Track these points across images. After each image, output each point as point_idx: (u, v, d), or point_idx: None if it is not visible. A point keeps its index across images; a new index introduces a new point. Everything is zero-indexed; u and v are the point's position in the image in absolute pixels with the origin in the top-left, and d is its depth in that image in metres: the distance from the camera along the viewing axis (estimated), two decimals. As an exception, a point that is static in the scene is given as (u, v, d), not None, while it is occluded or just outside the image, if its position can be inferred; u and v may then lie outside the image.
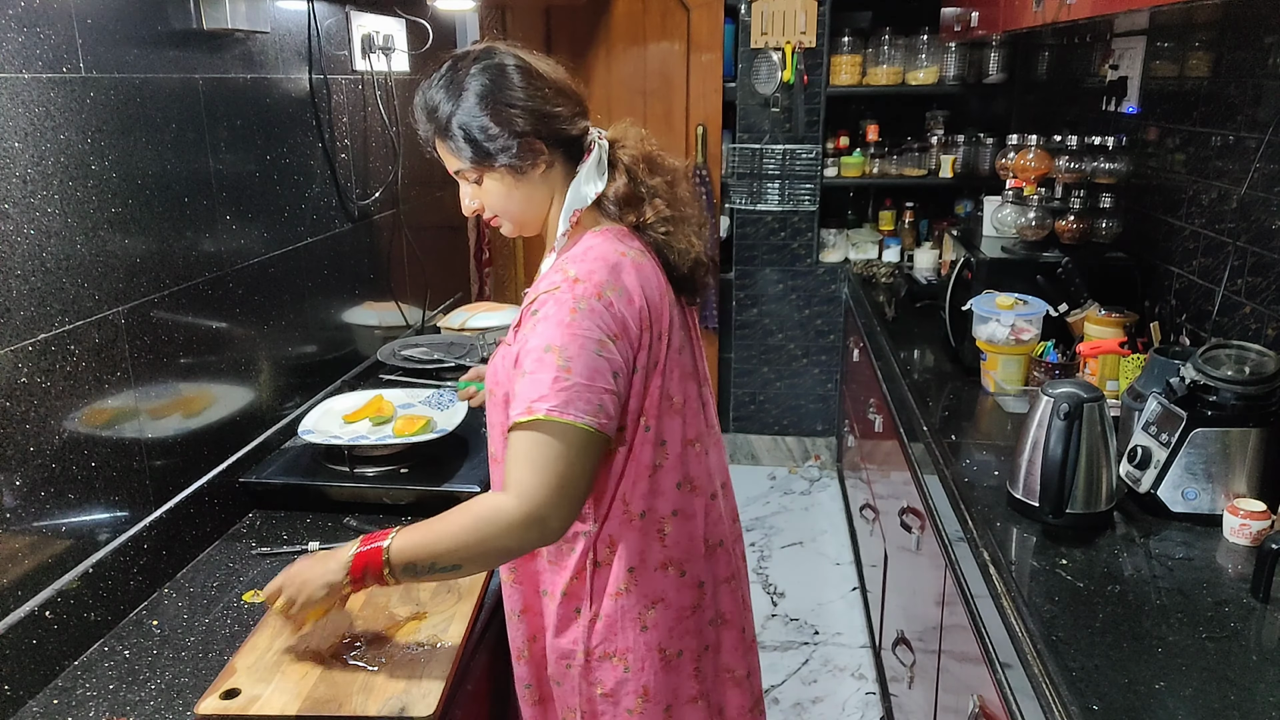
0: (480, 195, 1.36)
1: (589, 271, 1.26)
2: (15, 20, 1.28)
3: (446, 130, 1.31)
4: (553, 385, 1.19)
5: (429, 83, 1.34)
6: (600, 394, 1.21)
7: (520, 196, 1.34)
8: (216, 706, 1.22)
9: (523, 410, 1.19)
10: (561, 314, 1.22)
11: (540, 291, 1.27)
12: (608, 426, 1.22)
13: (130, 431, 1.52)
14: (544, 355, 1.20)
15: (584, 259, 1.29)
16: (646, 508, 1.35)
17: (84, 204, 1.41)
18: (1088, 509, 1.53)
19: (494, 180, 1.33)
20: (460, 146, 1.31)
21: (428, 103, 1.33)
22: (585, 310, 1.22)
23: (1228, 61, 2.09)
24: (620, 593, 1.36)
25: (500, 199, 1.35)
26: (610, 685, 1.38)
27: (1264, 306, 1.87)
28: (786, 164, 3.93)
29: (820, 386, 4.18)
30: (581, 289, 1.24)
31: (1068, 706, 1.13)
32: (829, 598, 3.26)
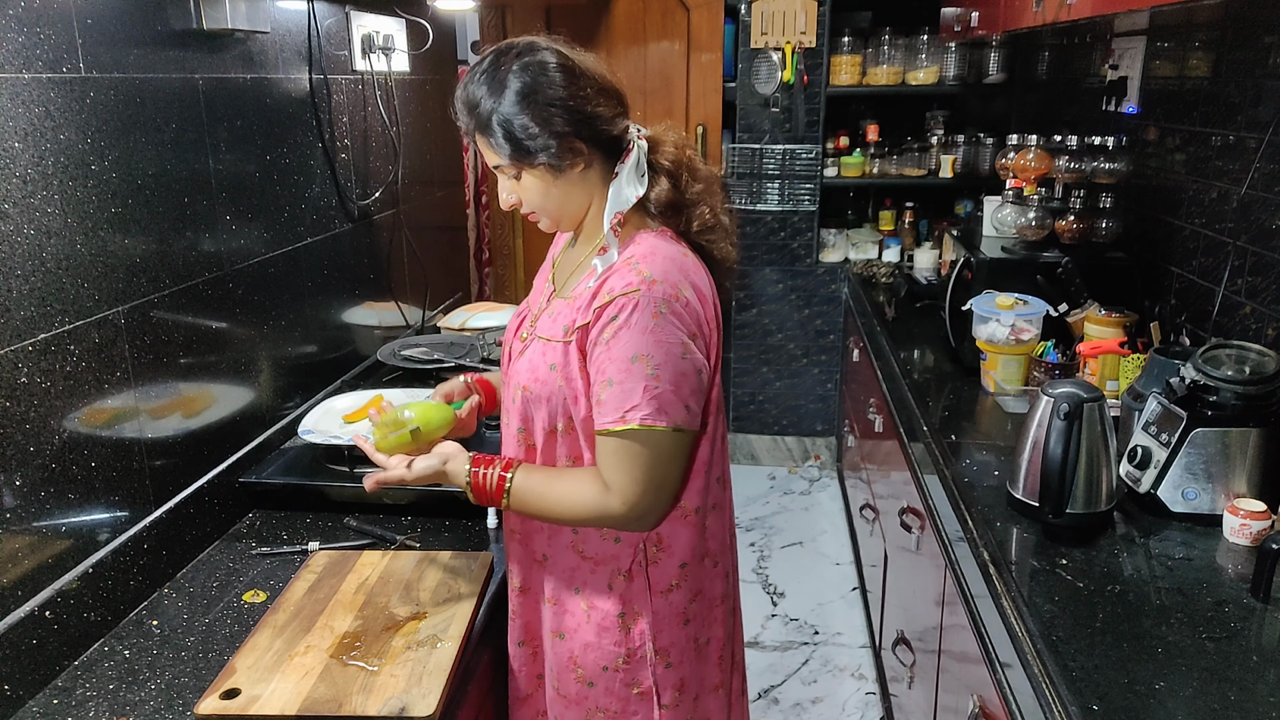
0: (518, 191, 1.35)
1: (664, 271, 1.27)
2: (15, 20, 1.28)
3: (487, 126, 1.30)
4: (644, 395, 1.23)
5: (470, 76, 1.33)
6: (687, 397, 1.26)
7: (558, 194, 1.34)
8: (216, 706, 1.22)
9: (615, 419, 1.24)
10: (645, 320, 1.23)
11: (617, 292, 1.25)
12: (694, 422, 1.28)
13: (130, 431, 1.52)
14: (632, 365, 1.23)
15: (653, 258, 1.28)
16: (700, 503, 1.39)
17: (84, 204, 1.41)
18: (1088, 509, 1.53)
19: (532, 177, 1.33)
20: (499, 143, 1.30)
21: (469, 97, 1.32)
22: (667, 313, 1.24)
23: (1228, 61, 2.09)
24: (671, 589, 1.39)
25: (538, 196, 1.34)
26: (648, 683, 1.40)
27: (1264, 306, 1.87)
28: (786, 164, 3.93)
29: (820, 386, 4.18)
30: (660, 290, 1.25)
31: (1068, 706, 1.13)
32: (829, 598, 3.26)
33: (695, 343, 1.27)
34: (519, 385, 1.37)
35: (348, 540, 1.69)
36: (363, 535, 1.71)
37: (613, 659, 1.39)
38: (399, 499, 1.79)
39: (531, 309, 1.46)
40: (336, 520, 1.76)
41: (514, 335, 1.47)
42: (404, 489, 1.78)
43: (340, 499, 1.81)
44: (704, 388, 1.30)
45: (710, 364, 1.33)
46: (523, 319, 1.47)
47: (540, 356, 1.35)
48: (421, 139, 2.77)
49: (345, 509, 1.79)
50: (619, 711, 1.41)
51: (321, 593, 1.49)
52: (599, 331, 1.26)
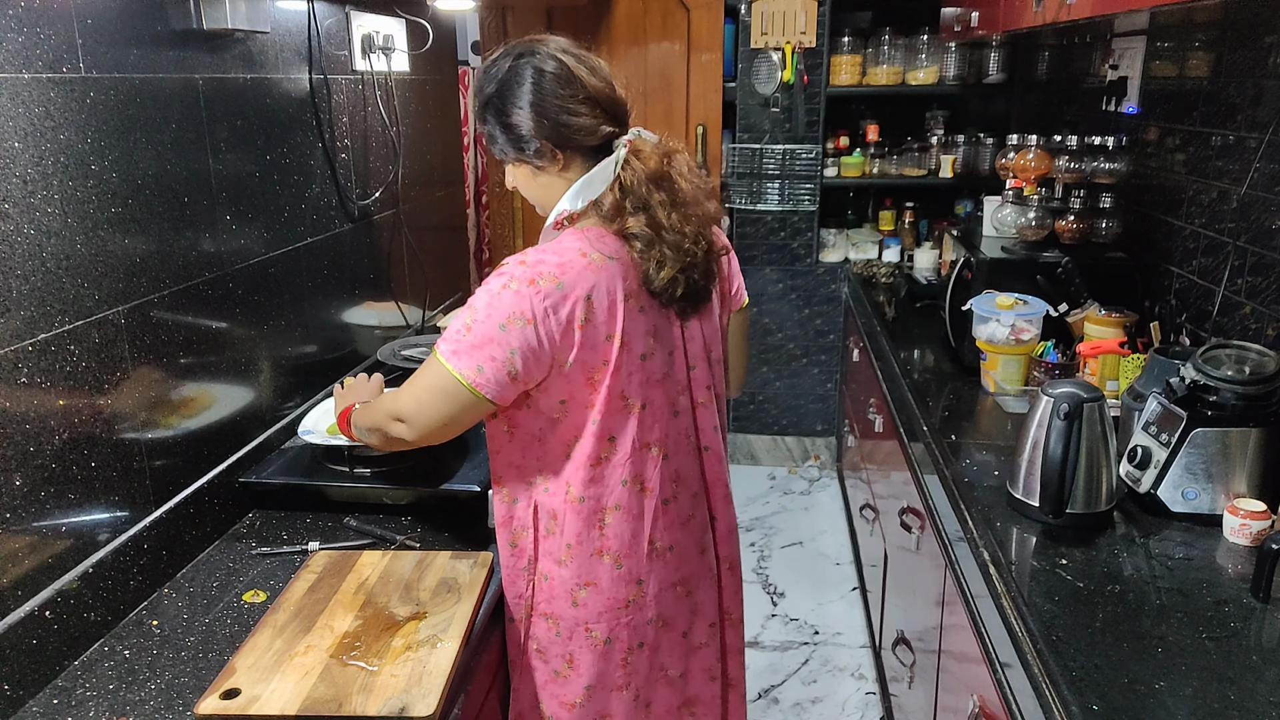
0: (514, 176, 1.51)
1: (538, 260, 1.35)
2: (15, 20, 1.28)
3: (482, 116, 1.45)
4: (453, 334, 1.35)
5: (482, 67, 1.49)
6: (483, 359, 1.33)
7: (539, 186, 1.47)
8: (216, 706, 1.22)
9: (437, 342, 1.38)
10: (493, 285, 1.35)
11: (501, 263, 1.39)
12: (483, 387, 1.34)
13: (130, 431, 1.52)
14: (463, 311, 1.36)
15: (545, 250, 1.38)
16: (586, 494, 1.44)
17: (84, 204, 1.41)
18: (1088, 509, 1.53)
19: (517, 169, 1.48)
20: (492, 134, 1.45)
21: (476, 85, 1.48)
22: (514, 289, 1.33)
23: (1228, 61, 2.09)
24: (560, 563, 1.48)
25: (524, 184, 1.50)
26: (544, 643, 1.51)
27: (1264, 306, 1.87)
28: (786, 164, 3.93)
29: (820, 386, 4.18)
30: (521, 271, 1.34)
31: (1068, 706, 1.13)
32: (829, 598, 3.26)
33: (528, 326, 1.32)
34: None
35: (348, 540, 1.69)
36: (363, 535, 1.71)
37: (520, 602, 1.52)
38: (399, 499, 1.79)
39: None
40: (336, 520, 1.76)
41: None
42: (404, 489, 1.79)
43: (340, 499, 1.81)
44: (515, 368, 1.34)
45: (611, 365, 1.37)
46: None
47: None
48: (421, 139, 2.78)
49: (345, 509, 1.79)
50: (520, 661, 1.55)
51: (321, 593, 1.49)
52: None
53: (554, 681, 1.52)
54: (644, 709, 1.55)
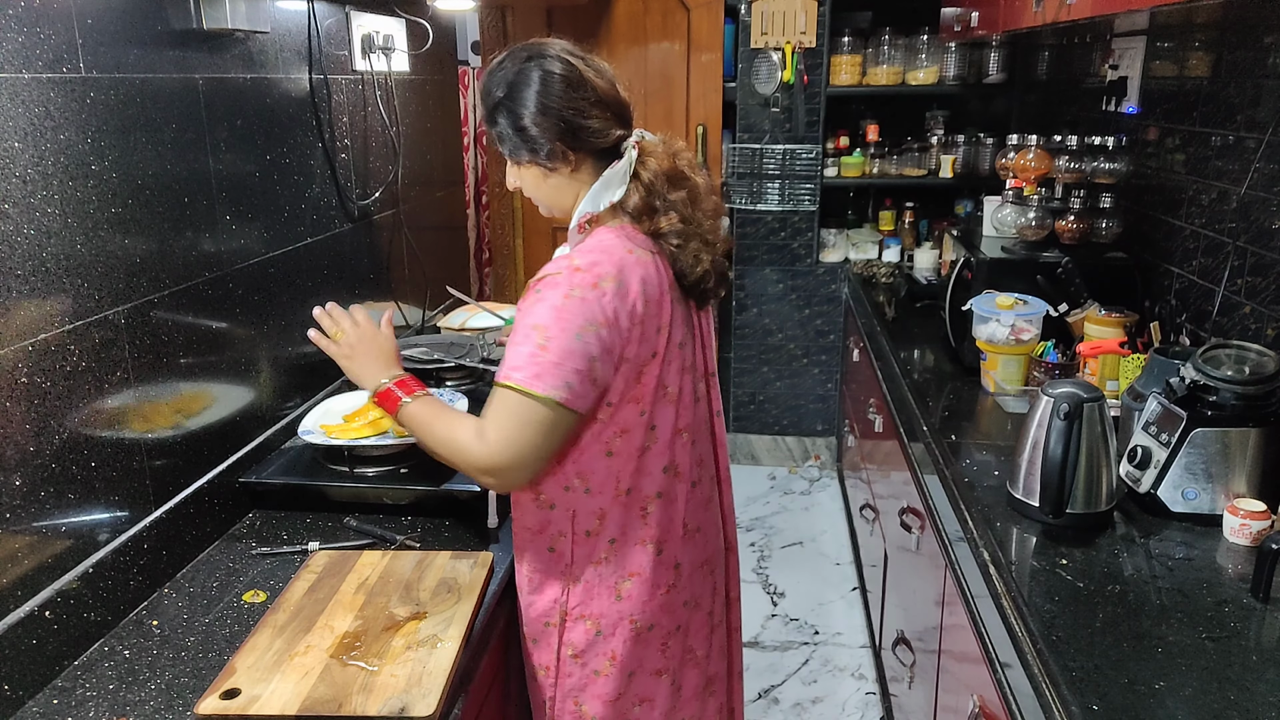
0: (519, 177, 1.49)
1: (592, 263, 1.35)
2: (15, 20, 1.28)
3: (491, 119, 1.44)
4: (528, 360, 1.30)
5: (489, 69, 1.46)
6: (569, 374, 1.30)
7: (549, 188, 1.47)
8: (216, 706, 1.22)
9: (502, 375, 1.33)
10: (555, 297, 1.32)
11: (545, 274, 1.36)
12: (575, 402, 1.32)
13: (130, 431, 1.52)
14: (530, 333, 1.32)
15: (592, 251, 1.38)
16: (632, 486, 1.45)
17: (84, 204, 1.41)
18: (1088, 509, 1.54)
19: (527, 171, 1.46)
20: (500, 135, 1.44)
21: (483, 88, 1.46)
22: (577, 297, 1.32)
23: (1228, 61, 2.09)
24: (600, 561, 1.47)
25: (531, 186, 1.48)
26: (581, 646, 1.49)
27: (1264, 306, 1.87)
28: (786, 164, 3.93)
29: (820, 386, 4.18)
30: (580, 278, 1.33)
31: (1068, 706, 1.13)
32: (829, 598, 3.26)
33: (601, 330, 1.32)
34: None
35: (348, 540, 1.69)
36: (363, 535, 1.71)
37: (550, 614, 1.49)
38: (399, 499, 1.79)
39: None
40: (336, 520, 1.76)
41: None
42: (404, 489, 1.79)
43: (340, 499, 1.81)
44: (597, 374, 1.34)
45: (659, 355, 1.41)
46: None
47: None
48: (421, 139, 2.77)
49: (345, 509, 1.79)
50: (555, 670, 1.51)
51: (321, 593, 1.49)
52: (525, 304, 1.36)
53: (595, 682, 1.51)
54: (676, 692, 1.58)
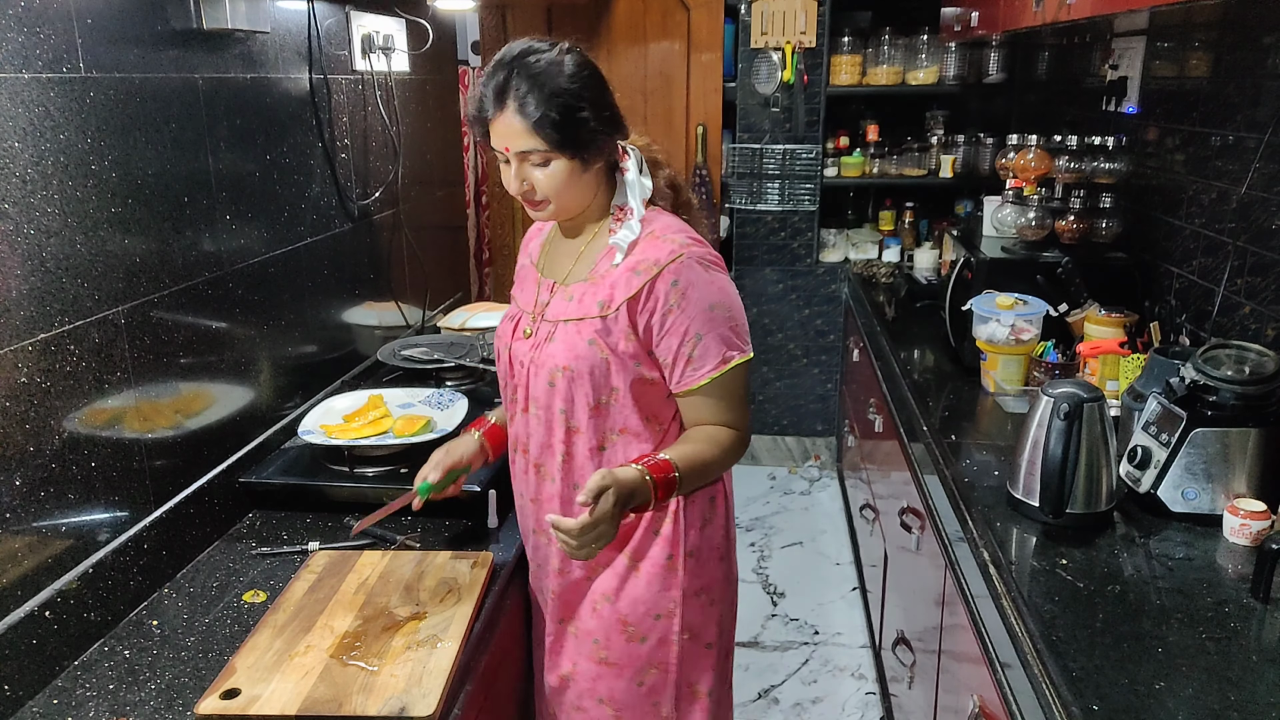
0: (538, 177, 1.39)
1: (688, 235, 1.43)
2: (15, 20, 1.28)
3: (546, 105, 1.32)
4: (733, 333, 1.41)
5: (535, 58, 1.35)
6: (746, 330, 1.44)
7: (579, 185, 1.42)
8: (216, 706, 1.22)
9: (716, 364, 1.40)
10: (701, 275, 1.39)
11: (664, 263, 1.38)
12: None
13: (130, 431, 1.52)
14: (712, 314, 1.39)
15: (673, 229, 1.44)
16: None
17: (84, 204, 1.41)
18: (1088, 509, 1.53)
19: (561, 166, 1.38)
20: (551, 125, 1.33)
21: (511, 84, 1.33)
22: (711, 264, 1.41)
23: (1228, 61, 2.09)
24: (706, 523, 1.51)
25: (560, 184, 1.40)
26: (696, 625, 1.52)
27: (1264, 306, 1.87)
28: (786, 164, 3.93)
29: (820, 386, 4.18)
30: (697, 249, 1.41)
31: (1068, 706, 1.13)
32: (829, 598, 3.26)
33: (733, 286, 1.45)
34: (556, 368, 1.43)
35: (348, 540, 1.69)
36: (362, 535, 1.71)
37: (665, 605, 1.48)
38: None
39: (528, 306, 1.54)
40: (336, 520, 1.76)
41: (513, 334, 1.54)
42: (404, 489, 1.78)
43: (340, 499, 1.81)
44: None
45: None
46: (518, 319, 1.54)
47: (575, 335, 1.42)
48: (421, 139, 2.77)
49: (345, 509, 1.79)
50: (674, 663, 1.51)
51: (321, 593, 1.49)
52: (664, 299, 1.38)
53: (707, 654, 1.55)
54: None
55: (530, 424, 1.50)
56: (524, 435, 1.52)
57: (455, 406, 1.98)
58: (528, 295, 1.55)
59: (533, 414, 1.49)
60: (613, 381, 1.42)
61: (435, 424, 1.90)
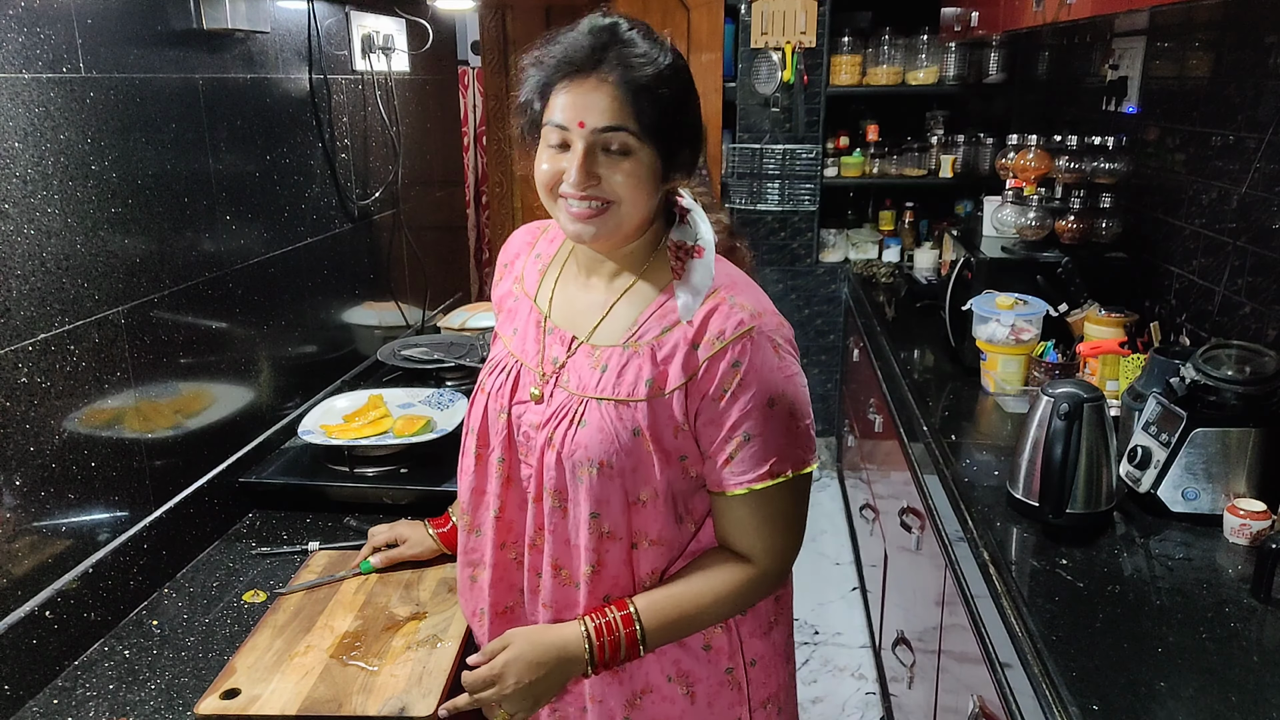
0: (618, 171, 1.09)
1: (757, 299, 1.15)
2: (15, 20, 1.28)
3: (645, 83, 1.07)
4: (790, 441, 1.12)
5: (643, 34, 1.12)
6: (811, 427, 1.16)
7: (651, 196, 1.12)
8: (216, 706, 1.22)
9: (760, 474, 1.12)
10: (770, 358, 1.11)
11: (729, 336, 1.10)
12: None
13: (130, 431, 1.52)
14: (770, 411, 1.11)
15: (740, 287, 1.15)
16: None
17: (84, 204, 1.41)
18: (1088, 509, 1.53)
19: (644, 161, 1.09)
20: (648, 106, 1.07)
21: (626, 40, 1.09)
22: (783, 344, 1.13)
23: (1228, 61, 2.09)
24: (771, 626, 1.27)
25: (638, 185, 1.10)
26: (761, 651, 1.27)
27: (1264, 306, 1.87)
28: (786, 164, 3.92)
29: (820, 386, 4.18)
30: (770, 321, 1.13)
31: (1068, 706, 1.13)
32: (829, 598, 3.26)
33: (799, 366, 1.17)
34: (588, 462, 1.12)
35: (348, 540, 1.69)
36: (362, 535, 1.71)
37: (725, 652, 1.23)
38: (399, 499, 1.79)
39: (530, 359, 1.21)
40: (336, 520, 1.76)
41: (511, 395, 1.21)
42: (404, 489, 1.78)
43: (340, 499, 1.81)
44: None
45: None
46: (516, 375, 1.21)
47: (615, 421, 1.12)
48: (421, 139, 2.77)
49: (345, 509, 1.79)
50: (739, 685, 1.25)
51: (321, 593, 1.49)
52: (719, 381, 1.10)
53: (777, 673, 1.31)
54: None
55: (546, 516, 1.18)
56: (533, 529, 1.20)
57: (455, 406, 1.98)
58: (528, 342, 1.23)
59: (550, 506, 1.17)
60: (655, 480, 1.13)
61: (435, 424, 1.90)
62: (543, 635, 1.15)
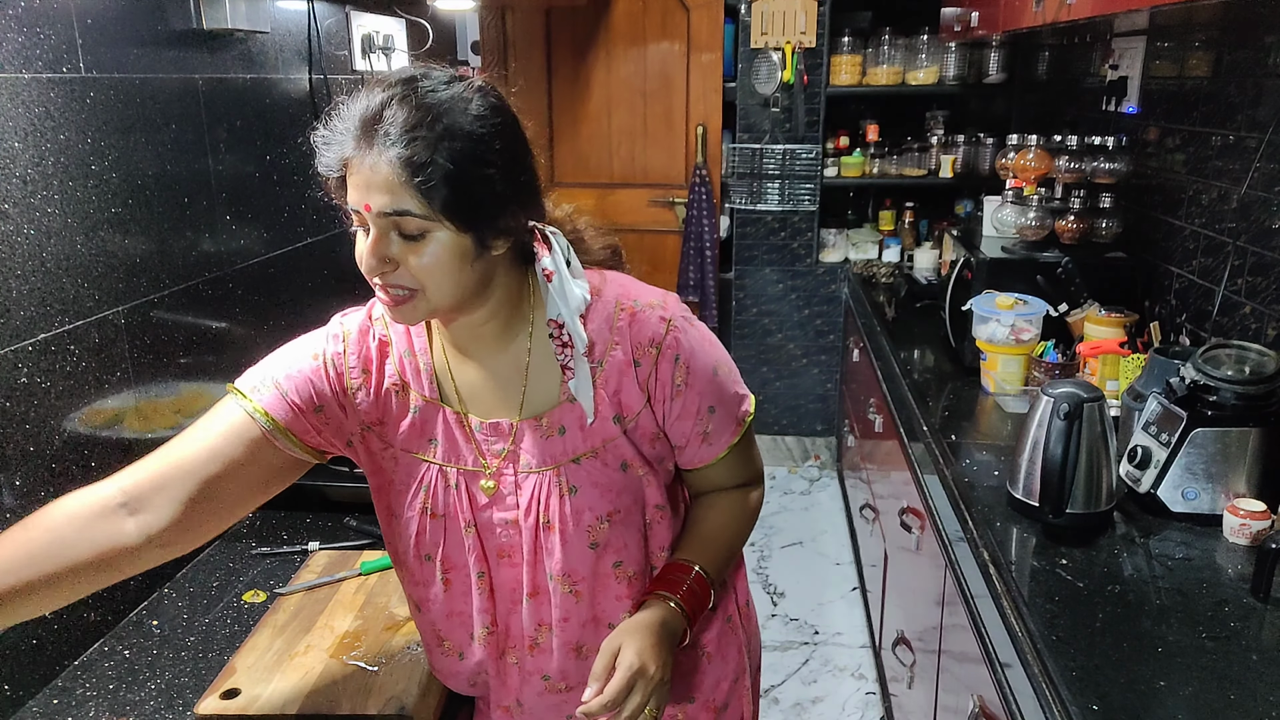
0: (413, 255, 0.99)
1: (646, 290, 1.17)
2: (15, 20, 1.28)
3: (433, 151, 0.94)
4: (736, 389, 1.22)
5: (429, 85, 0.98)
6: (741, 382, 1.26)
7: (464, 275, 1.01)
8: (216, 706, 1.22)
9: (734, 429, 1.21)
10: (692, 335, 1.15)
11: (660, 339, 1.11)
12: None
13: (130, 431, 1.52)
14: (715, 378, 1.17)
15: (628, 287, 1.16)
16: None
17: (84, 204, 1.41)
18: (1088, 509, 1.53)
19: (448, 242, 0.98)
20: (435, 181, 0.94)
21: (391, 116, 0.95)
22: (689, 314, 1.18)
23: (1228, 61, 2.09)
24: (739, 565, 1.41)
25: (441, 268, 0.99)
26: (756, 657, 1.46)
27: (1264, 306, 1.87)
28: (786, 164, 3.93)
29: (820, 386, 4.18)
30: (671, 303, 1.16)
31: (1068, 706, 1.13)
32: (829, 598, 3.26)
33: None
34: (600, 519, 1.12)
35: (348, 540, 1.69)
36: (363, 535, 1.71)
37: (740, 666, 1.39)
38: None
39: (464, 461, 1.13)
40: (336, 520, 1.76)
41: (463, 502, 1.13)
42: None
43: (340, 499, 1.81)
44: None
45: None
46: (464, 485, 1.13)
47: (601, 469, 1.12)
48: (421, 139, 2.77)
49: (345, 509, 1.79)
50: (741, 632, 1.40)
51: (321, 593, 1.49)
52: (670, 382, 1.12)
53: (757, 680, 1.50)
54: None
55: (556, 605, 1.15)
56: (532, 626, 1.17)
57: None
58: (456, 446, 1.13)
59: (559, 592, 1.14)
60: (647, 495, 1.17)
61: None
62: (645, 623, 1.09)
